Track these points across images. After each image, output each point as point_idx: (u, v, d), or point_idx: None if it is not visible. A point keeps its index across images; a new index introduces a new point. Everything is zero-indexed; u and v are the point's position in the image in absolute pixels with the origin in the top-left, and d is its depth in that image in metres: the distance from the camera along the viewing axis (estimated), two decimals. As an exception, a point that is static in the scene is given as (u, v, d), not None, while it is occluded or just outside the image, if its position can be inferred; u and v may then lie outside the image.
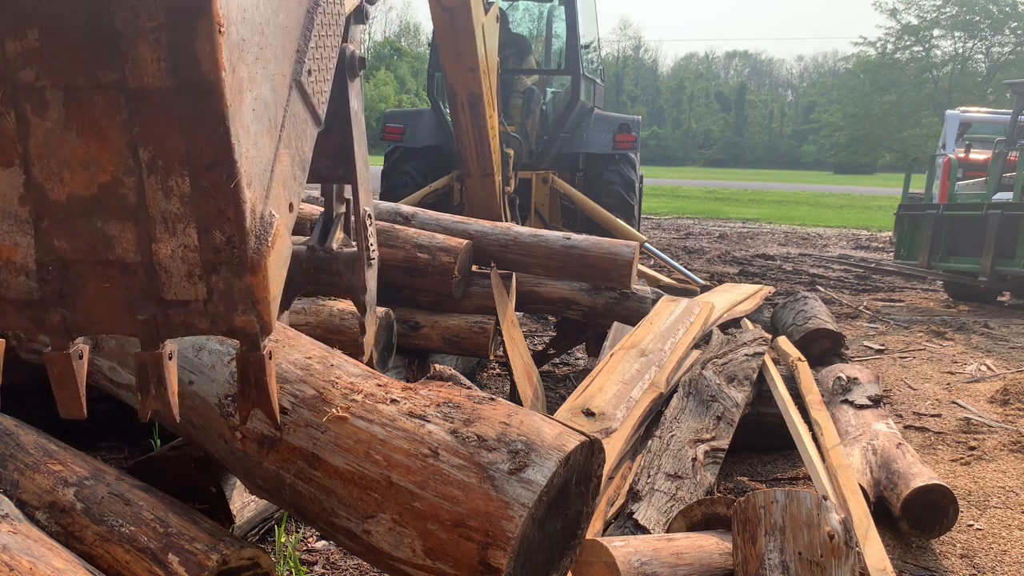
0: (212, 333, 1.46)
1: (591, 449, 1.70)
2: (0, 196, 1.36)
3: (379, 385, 1.89)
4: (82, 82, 1.31)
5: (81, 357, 1.48)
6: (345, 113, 2.11)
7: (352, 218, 2.29)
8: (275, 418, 1.57)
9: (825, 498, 1.81)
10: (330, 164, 2.20)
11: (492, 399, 1.82)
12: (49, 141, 1.34)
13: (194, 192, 1.37)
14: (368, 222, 2.22)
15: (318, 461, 1.78)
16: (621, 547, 1.89)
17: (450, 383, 1.94)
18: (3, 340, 1.83)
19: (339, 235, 2.34)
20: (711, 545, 2.00)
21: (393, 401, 1.82)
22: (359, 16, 2.16)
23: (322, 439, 1.78)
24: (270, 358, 1.50)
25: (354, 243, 2.29)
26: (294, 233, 1.74)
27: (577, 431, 1.73)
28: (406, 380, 3.65)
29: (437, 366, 2.07)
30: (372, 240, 2.25)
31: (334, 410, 1.81)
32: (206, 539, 1.91)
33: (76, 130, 1.34)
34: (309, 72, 1.63)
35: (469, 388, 1.94)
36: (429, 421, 1.74)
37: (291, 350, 1.97)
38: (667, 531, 2.34)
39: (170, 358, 1.48)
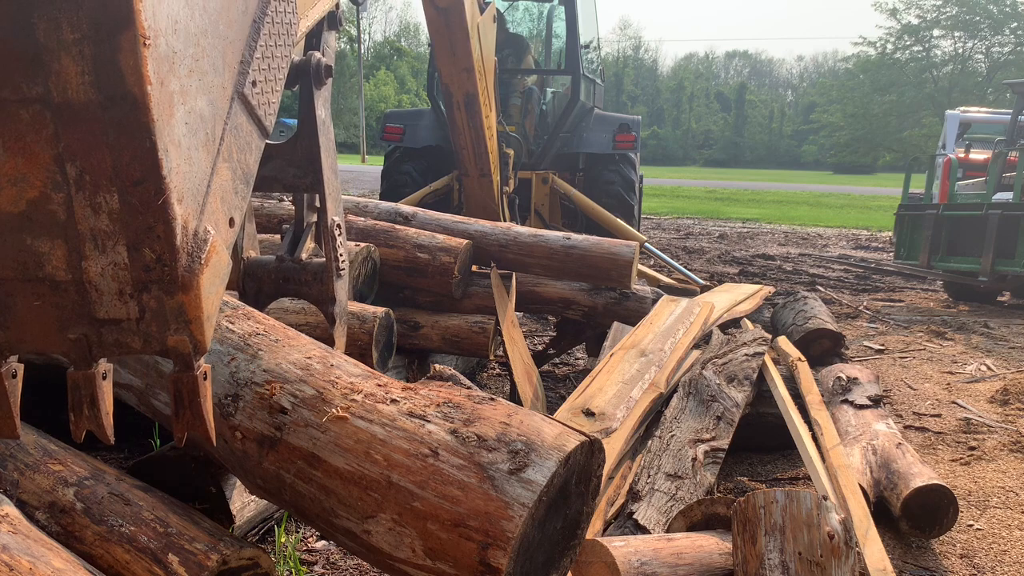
0: (145, 352, 1.42)
1: (591, 449, 1.70)
2: None
3: (379, 385, 1.88)
4: (7, 95, 1.28)
5: (15, 376, 1.46)
6: (312, 122, 2.08)
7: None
8: (211, 441, 1.54)
9: (825, 498, 1.81)
10: (298, 173, 2.17)
11: (492, 399, 1.82)
12: None
13: (123, 209, 1.34)
14: (337, 232, 2.20)
15: (318, 461, 1.77)
16: (621, 547, 1.89)
17: (450, 383, 1.93)
18: None
19: (309, 245, 2.33)
20: (711, 545, 2.00)
21: (393, 401, 1.82)
22: (332, 23, 2.14)
23: (322, 439, 1.78)
24: (205, 378, 1.47)
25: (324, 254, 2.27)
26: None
27: (577, 431, 1.73)
28: (406, 380, 3.65)
29: (437, 366, 2.06)
30: (342, 250, 2.23)
31: (334, 410, 1.81)
32: (206, 539, 1.91)
33: (2, 145, 1.31)
34: (254, 83, 1.60)
35: (469, 388, 1.94)
36: (429, 421, 1.74)
37: (291, 350, 1.96)
38: (667, 531, 2.34)
39: (104, 378, 1.46)
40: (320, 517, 1.81)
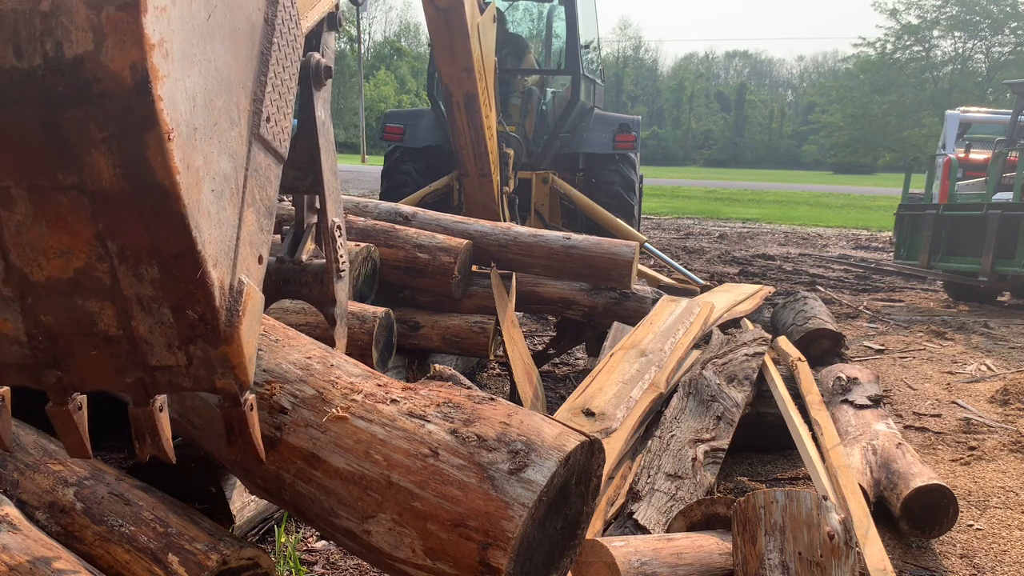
0: (196, 390, 1.55)
1: (591, 449, 1.69)
2: None
3: (379, 385, 1.89)
4: (44, 183, 1.34)
5: (80, 408, 1.58)
6: (311, 123, 2.08)
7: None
8: (261, 459, 1.68)
9: (825, 498, 1.81)
10: (298, 175, 2.17)
11: (492, 399, 1.82)
12: (21, 232, 1.40)
13: (164, 278, 1.42)
14: (337, 233, 2.20)
15: (318, 461, 1.78)
16: (621, 547, 1.89)
17: (450, 383, 1.94)
18: None
19: (310, 246, 2.32)
20: (711, 545, 2.00)
21: (393, 401, 1.82)
22: (332, 24, 2.14)
23: (322, 439, 1.78)
24: (252, 409, 1.60)
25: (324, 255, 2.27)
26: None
27: (577, 431, 1.73)
28: (406, 380, 3.65)
29: (437, 366, 2.06)
30: (342, 252, 2.23)
31: (334, 410, 1.81)
32: (206, 539, 1.91)
33: (45, 223, 1.38)
34: (268, 119, 1.64)
35: (469, 388, 1.94)
36: (429, 421, 1.74)
37: (291, 350, 1.96)
38: (667, 531, 2.34)
39: (160, 410, 1.59)
40: (320, 517, 1.81)
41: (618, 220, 7.38)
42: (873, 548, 2.30)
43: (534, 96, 8.55)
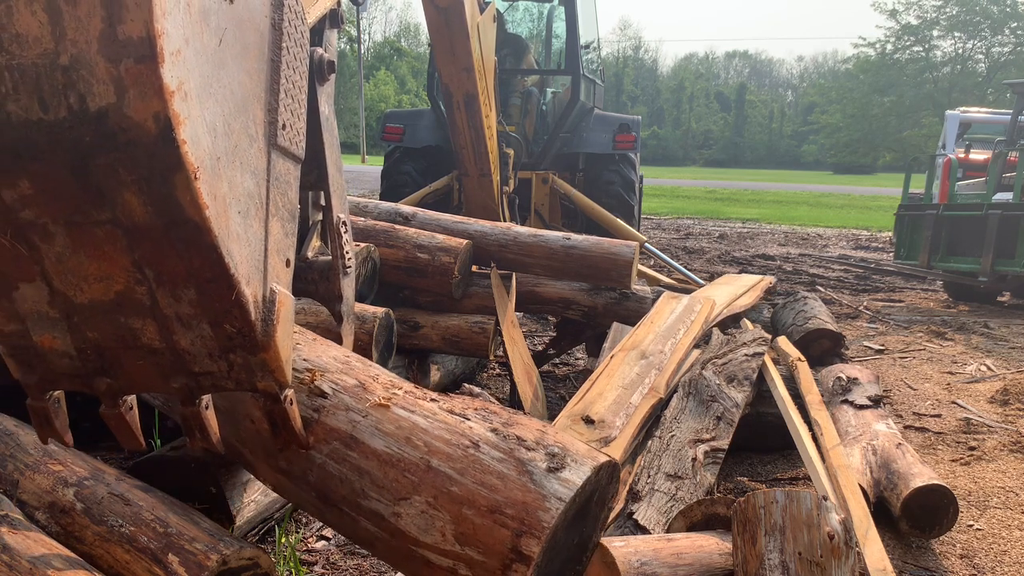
0: (239, 391, 1.65)
1: (613, 471, 1.76)
2: (32, 302, 1.52)
3: (416, 387, 1.97)
4: (79, 219, 1.40)
5: (131, 409, 1.68)
6: (315, 119, 2.09)
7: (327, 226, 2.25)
8: (305, 446, 1.82)
9: (825, 498, 1.81)
10: (302, 170, 2.20)
11: (526, 415, 1.91)
12: (62, 261, 1.46)
13: (200, 298, 1.50)
14: (343, 229, 2.20)
15: (356, 443, 1.84)
16: (621, 547, 1.89)
17: (480, 399, 2.03)
18: None
19: (315, 243, 2.33)
20: (711, 545, 2.00)
21: (433, 400, 1.91)
22: (334, 20, 2.14)
23: (363, 423, 1.85)
24: (291, 404, 1.71)
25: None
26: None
27: (604, 454, 1.81)
28: (407, 379, 3.64)
29: (466, 385, 2.15)
30: (348, 248, 2.23)
31: (377, 398, 1.88)
32: (206, 539, 1.91)
33: (84, 253, 1.44)
34: (283, 126, 1.67)
35: (498, 405, 2.01)
36: (470, 419, 1.83)
37: (329, 347, 2.06)
38: (667, 531, 2.34)
39: (206, 408, 1.67)
40: (346, 499, 1.85)
41: (618, 220, 7.38)
42: (873, 548, 2.30)
43: (534, 96, 8.54)
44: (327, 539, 2.63)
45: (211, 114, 1.41)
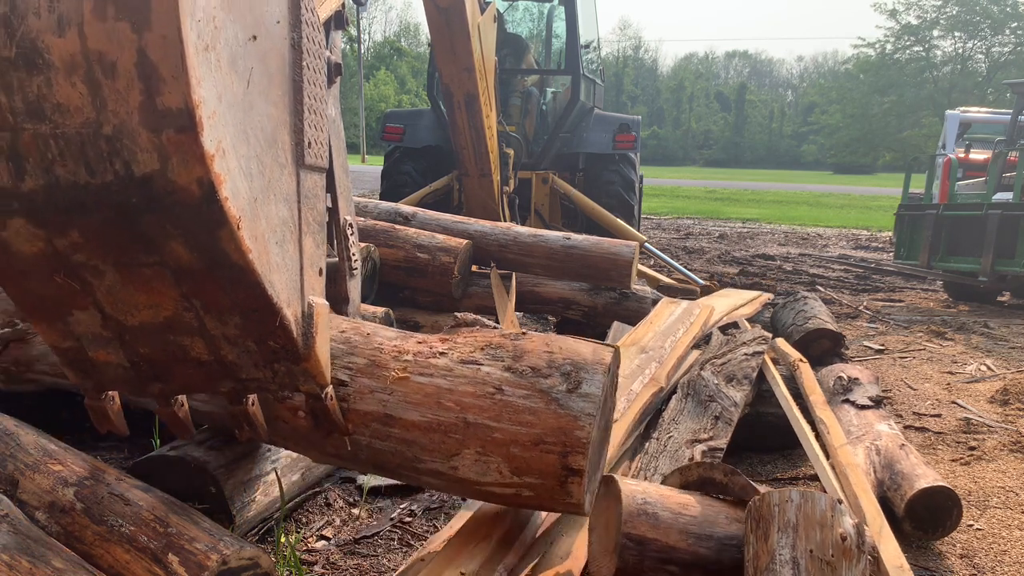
0: (283, 391, 1.77)
1: (617, 357, 2.01)
2: (86, 326, 1.61)
3: (419, 342, 2.07)
4: (127, 261, 1.48)
5: (183, 406, 1.80)
6: None
7: (333, 227, 2.26)
8: (346, 432, 1.95)
9: (840, 501, 1.83)
10: None
11: (523, 333, 2.06)
12: (112, 293, 1.54)
13: (245, 323, 1.58)
14: (349, 231, 2.20)
15: (392, 420, 1.95)
16: (632, 485, 2.00)
17: (477, 327, 2.14)
18: None
19: None
20: (720, 507, 2.03)
21: (441, 354, 2.02)
22: (339, 22, 2.16)
23: (391, 400, 1.96)
24: (331, 400, 1.83)
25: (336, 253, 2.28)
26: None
27: (606, 344, 2.03)
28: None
29: (459, 314, 2.22)
30: (354, 249, 2.24)
31: (393, 373, 1.98)
32: (206, 539, 1.90)
33: (133, 287, 1.52)
34: (309, 144, 1.72)
35: (494, 327, 2.14)
36: (483, 365, 1.96)
37: None
38: (662, 483, 2.38)
39: (252, 405, 1.79)
40: (402, 467, 2.00)
41: (618, 220, 7.38)
42: (888, 545, 2.30)
43: (534, 96, 8.54)
44: (327, 539, 2.63)
45: (245, 159, 1.46)
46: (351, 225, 2.16)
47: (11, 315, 2.56)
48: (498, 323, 4.07)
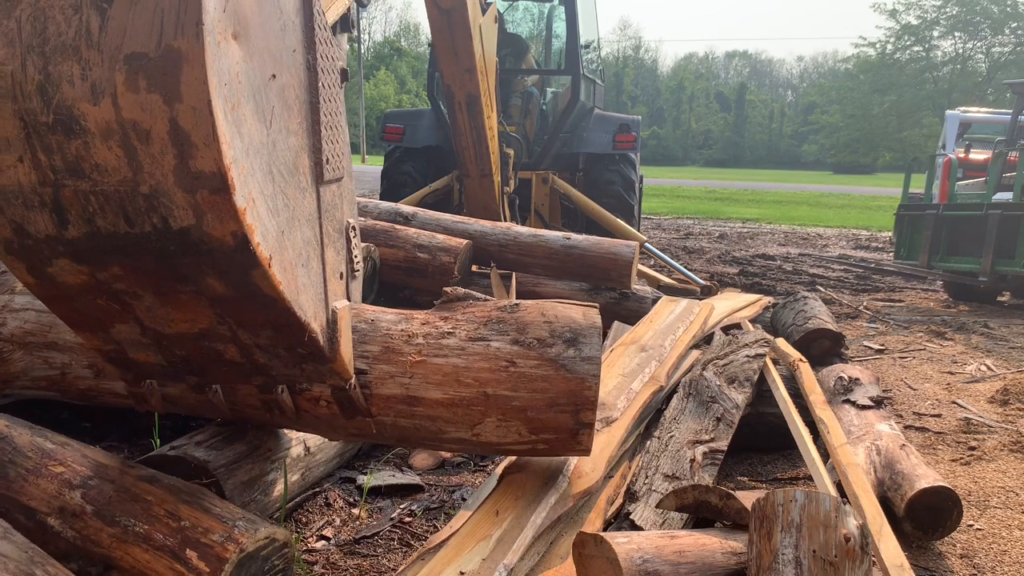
0: (311, 383, 1.94)
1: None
2: (126, 335, 1.75)
3: (423, 323, 2.21)
4: (164, 289, 1.59)
5: (216, 392, 1.96)
6: None
7: None
8: (370, 414, 2.11)
9: (845, 502, 1.83)
10: None
11: (516, 304, 2.23)
12: (151, 311, 1.66)
13: (275, 335, 1.70)
14: (352, 233, 2.22)
15: (416, 400, 2.10)
16: (624, 543, 1.90)
17: (469, 301, 2.29)
18: None
19: None
20: (714, 544, 2.00)
21: (449, 333, 2.17)
22: (344, 25, 2.18)
23: (413, 383, 2.10)
24: (355, 389, 2.01)
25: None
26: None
27: (587, 305, 2.25)
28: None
29: (448, 289, 2.35)
30: (357, 252, 2.25)
31: (410, 357, 2.12)
32: (220, 528, 1.92)
33: (170, 307, 1.64)
34: (327, 160, 1.80)
35: (485, 300, 2.30)
36: (491, 341, 2.13)
37: None
38: (657, 507, 2.39)
39: (282, 393, 1.95)
40: (428, 439, 2.19)
41: (618, 220, 7.37)
42: (889, 544, 2.30)
43: (534, 96, 8.54)
44: (327, 539, 2.63)
45: (271, 198, 1.53)
46: (354, 228, 2.18)
47: None
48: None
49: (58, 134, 1.36)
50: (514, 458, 2.53)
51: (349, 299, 2.29)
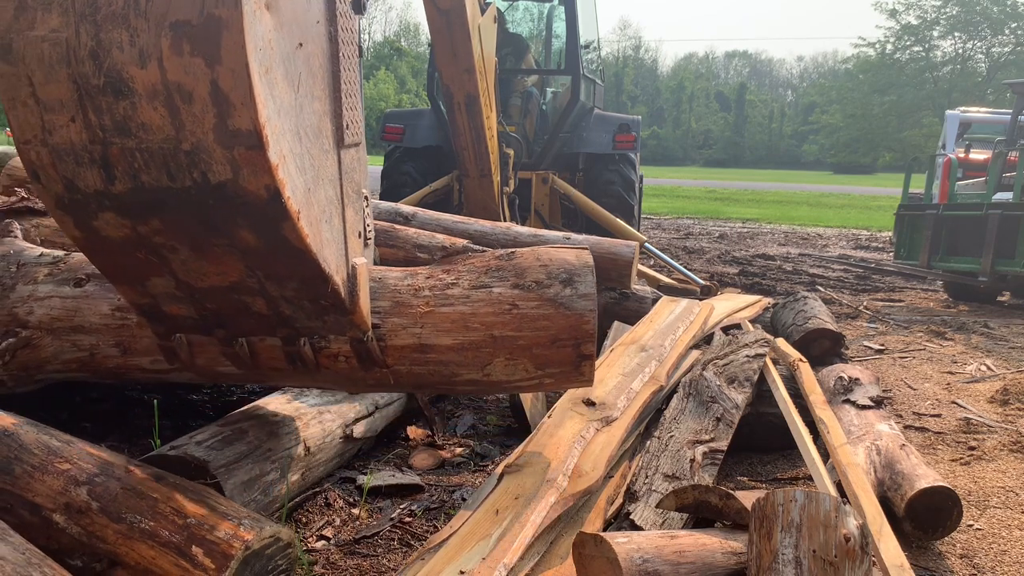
0: (332, 335, 2.07)
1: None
2: (161, 288, 1.88)
3: (427, 277, 2.35)
4: (200, 242, 1.70)
5: (243, 346, 2.07)
6: None
7: None
8: (385, 365, 2.23)
9: (845, 502, 1.83)
10: None
11: (512, 252, 2.39)
12: (185, 264, 1.77)
13: (300, 287, 1.82)
14: (365, 204, 2.29)
15: (429, 348, 2.26)
16: (624, 543, 1.91)
17: (468, 254, 2.45)
18: None
19: None
20: (714, 544, 2.01)
21: (453, 284, 2.32)
22: (358, 7, 2.20)
23: (424, 332, 2.25)
24: (372, 341, 2.15)
25: None
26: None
27: (579, 247, 2.40)
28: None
29: (447, 244, 2.50)
30: (369, 221, 2.34)
31: (419, 308, 2.27)
32: (226, 526, 1.92)
33: (204, 259, 1.75)
34: (347, 125, 1.91)
35: (483, 251, 2.47)
36: (493, 287, 2.29)
37: None
38: (657, 507, 2.39)
39: (304, 346, 2.08)
40: (441, 382, 2.34)
41: (618, 220, 7.37)
42: (889, 544, 2.30)
43: (534, 96, 8.54)
44: (327, 539, 2.63)
45: (299, 157, 1.64)
46: (367, 197, 2.24)
47: (7, 324, 2.58)
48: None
49: (107, 95, 1.47)
50: (513, 457, 2.53)
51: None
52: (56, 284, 2.64)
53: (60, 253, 2.80)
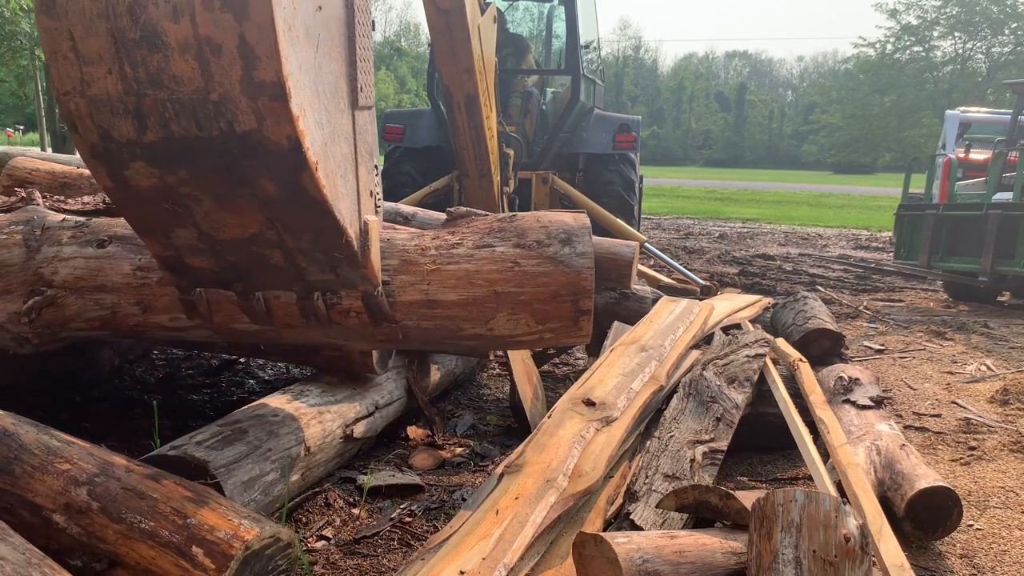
0: (344, 290, 2.18)
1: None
2: (185, 239, 1.98)
3: (434, 238, 2.47)
4: (223, 192, 1.81)
5: (259, 300, 2.19)
6: None
7: None
8: (395, 320, 2.34)
9: (845, 502, 1.83)
10: None
11: (513, 215, 2.52)
12: (208, 215, 1.88)
13: (316, 238, 1.93)
14: (374, 172, 2.36)
15: (435, 303, 2.38)
16: (624, 543, 1.90)
17: (471, 217, 2.56)
18: None
19: None
20: (714, 544, 2.00)
21: (457, 244, 2.44)
22: None
23: (431, 288, 2.37)
24: (381, 296, 2.25)
25: None
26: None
27: (576, 211, 2.52)
28: (407, 380, 3.65)
29: (450, 209, 2.63)
30: (378, 190, 2.41)
31: (426, 267, 2.38)
32: (226, 526, 1.92)
33: (226, 211, 1.87)
34: (361, 88, 2.00)
35: (485, 214, 2.57)
36: (496, 246, 2.41)
37: None
38: (657, 507, 2.39)
39: (317, 300, 2.19)
40: (448, 337, 2.46)
41: (618, 220, 7.37)
42: (889, 544, 2.30)
43: (534, 96, 8.54)
44: (327, 539, 2.63)
45: (317, 112, 1.74)
46: (376, 166, 2.29)
47: (33, 284, 2.67)
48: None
49: (143, 49, 1.57)
50: (513, 457, 2.53)
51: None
52: (79, 246, 2.74)
53: (82, 219, 2.89)
